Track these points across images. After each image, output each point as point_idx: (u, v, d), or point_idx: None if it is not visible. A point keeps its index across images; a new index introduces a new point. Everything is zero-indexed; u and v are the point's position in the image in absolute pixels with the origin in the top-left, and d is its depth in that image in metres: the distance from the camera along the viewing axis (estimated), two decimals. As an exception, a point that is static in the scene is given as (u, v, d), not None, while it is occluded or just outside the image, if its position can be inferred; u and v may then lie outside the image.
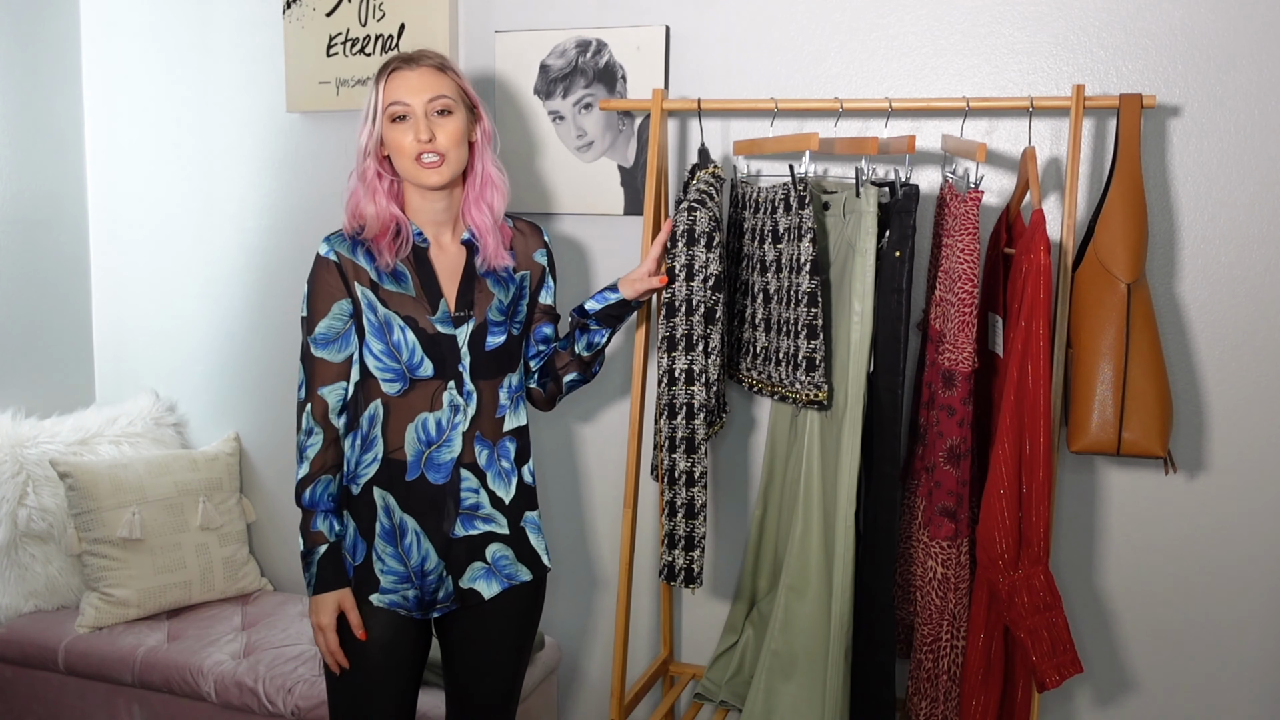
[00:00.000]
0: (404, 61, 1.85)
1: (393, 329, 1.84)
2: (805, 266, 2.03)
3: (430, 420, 1.86)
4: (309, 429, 1.85)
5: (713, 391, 2.17)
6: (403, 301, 1.85)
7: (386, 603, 1.88)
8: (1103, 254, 2.02)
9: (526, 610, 2.00)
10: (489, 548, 1.93)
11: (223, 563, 2.88)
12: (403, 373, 1.85)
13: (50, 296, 3.07)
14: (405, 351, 1.84)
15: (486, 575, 1.93)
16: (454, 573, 1.91)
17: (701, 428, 2.14)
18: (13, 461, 2.75)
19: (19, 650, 2.66)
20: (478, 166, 1.92)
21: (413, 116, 1.82)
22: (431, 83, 1.83)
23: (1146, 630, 2.36)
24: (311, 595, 1.86)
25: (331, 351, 1.85)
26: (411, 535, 1.88)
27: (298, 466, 1.86)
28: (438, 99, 1.83)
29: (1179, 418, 2.28)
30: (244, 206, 2.97)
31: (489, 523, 1.92)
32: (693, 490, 2.16)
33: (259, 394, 3.04)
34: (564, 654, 2.82)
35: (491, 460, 1.92)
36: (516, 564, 1.96)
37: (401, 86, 1.83)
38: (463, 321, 1.88)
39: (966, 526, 2.07)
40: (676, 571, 2.20)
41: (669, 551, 2.21)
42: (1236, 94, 2.19)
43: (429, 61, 1.85)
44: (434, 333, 1.86)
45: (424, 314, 1.86)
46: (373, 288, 1.85)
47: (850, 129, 2.39)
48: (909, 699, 2.21)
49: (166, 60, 3.00)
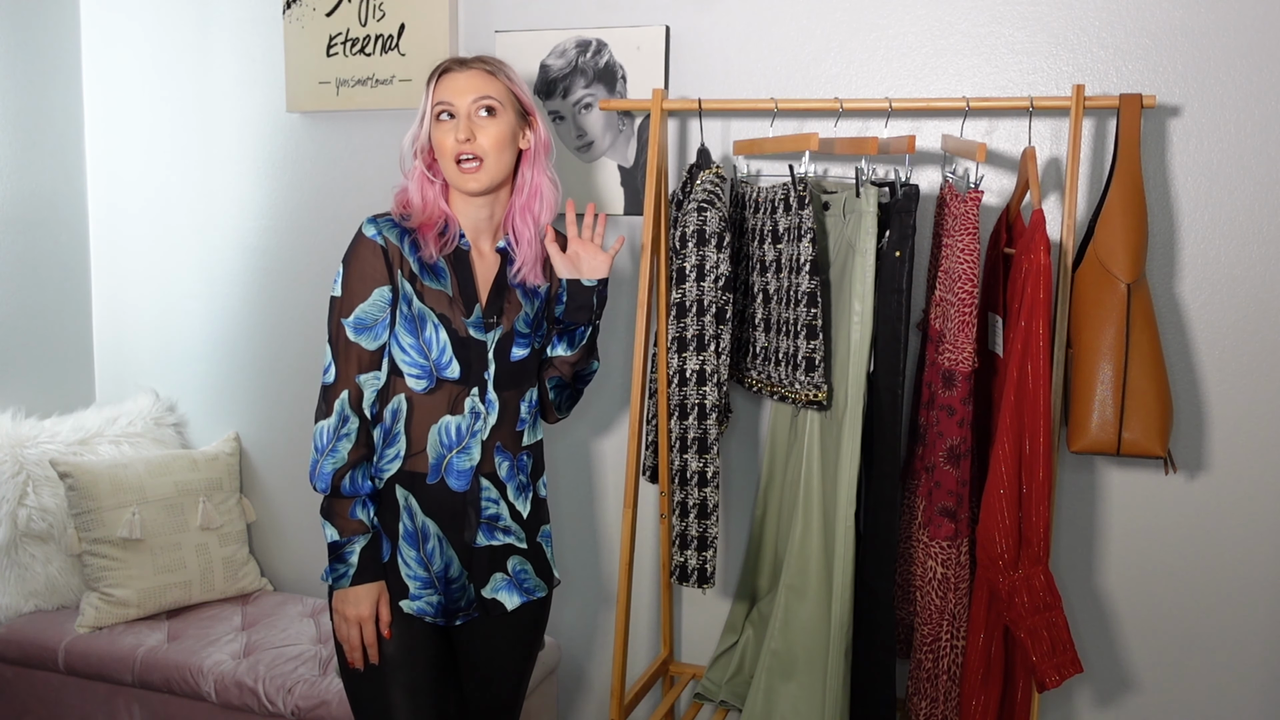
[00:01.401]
0: (457, 64, 1.84)
1: (425, 325, 1.81)
2: (805, 266, 2.03)
3: (451, 424, 1.84)
4: (344, 416, 1.78)
5: (723, 391, 2.17)
6: (439, 299, 1.83)
7: (415, 609, 1.84)
8: (1103, 254, 2.02)
9: (537, 621, 1.99)
10: (509, 560, 1.91)
11: (223, 563, 2.88)
12: (430, 371, 1.82)
13: (50, 296, 3.07)
14: (435, 350, 1.82)
15: (509, 587, 1.91)
16: (476, 581, 1.89)
17: (714, 428, 2.15)
18: (13, 461, 2.75)
19: (19, 650, 2.66)
20: (527, 176, 1.89)
21: (457, 116, 1.81)
22: (479, 84, 1.81)
23: (1146, 630, 2.36)
24: (348, 586, 1.78)
25: (368, 339, 1.79)
26: (434, 540, 1.85)
27: (325, 456, 1.77)
28: (482, 99, 1.80)
29: (1179, 418, 2.28)
30: (244, 206, 2.98)
31: (509, 535, 1.90)
32: (705, 490, 2.17)
33: (259, 394, 3.04)
34: (564, 654, 2.82)
35: (512, 473, 1.90)
36: (535, 578, 1.95)
37: (450, 87, 1.81)
38: (492, 328, 1.86)
39: (966, 526, 2.08)
40: (690, 572, 2.20)
41: (680, 552, 2.21)
42: (1236, 94, 2.19)
43: (481, 65, 1.83)
44: (465, 335, 1.83)
45: (458, 315, 1.83)
46: (412, 280, 1.81)
47: (850, 129, 2.39)
48: (909, 699, 2.21)
49: (166, 60, 3.01)
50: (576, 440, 2.74)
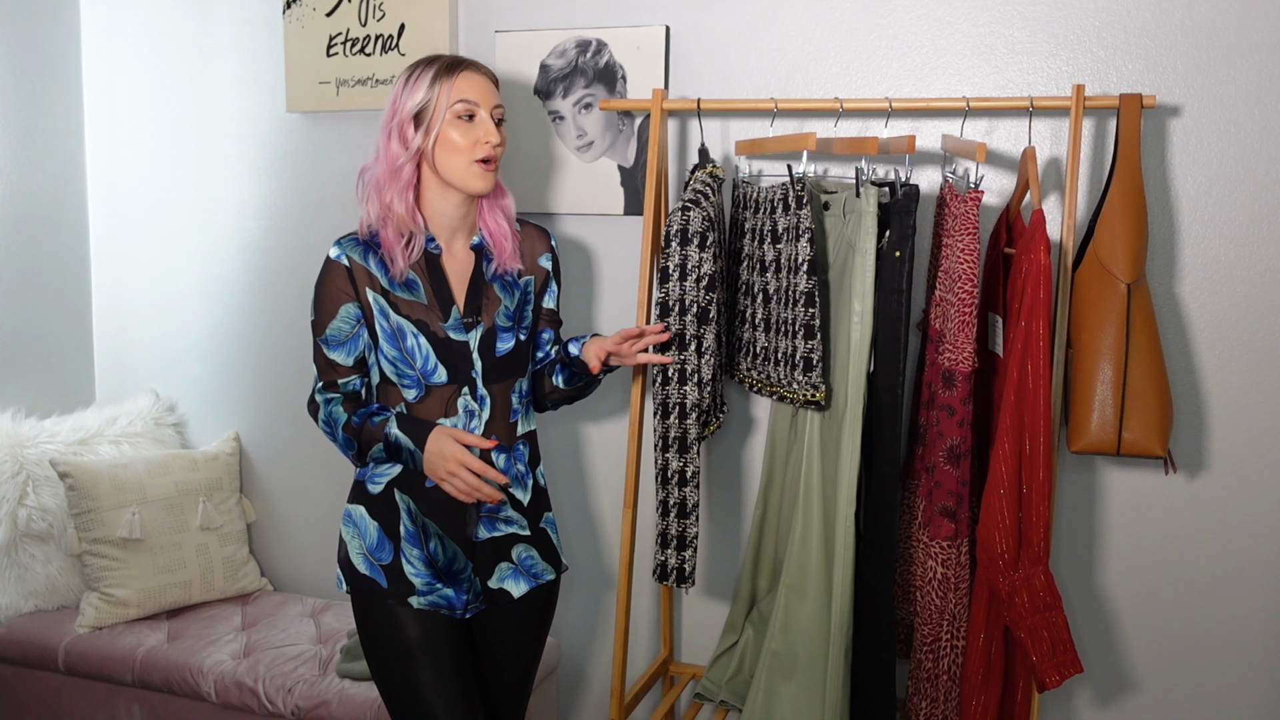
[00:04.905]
0: (471, 65, 1.85)
1: (405, 336, 1.84)
2: (803, 266, 2.03)
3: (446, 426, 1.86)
4: (326, 399, 1.86)
5: (706, 391, 2.16)
6: (414, 308, 1.85)
7: (426, 604, 1.87)
8: (1103, 254, 2.02)
9: (545, 609, 2.02)
10: (514, 548, 1.95)
11: (223, 563, 2.88)
12: (418, 379, 1.85)
13: (50, 296, 3.07)
14: (419, 358, 1.85)
15: (514, 575, 1.95)
16: (481, 574, 1.92)
17: (694, 428, 2.14)
18: (13, 461, 2.76)
19: (19, 650, 2.66)
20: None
21: (479, 118, 1.83)
22: (494, 90, 1.87)
23: (1146, 630, 2.36)
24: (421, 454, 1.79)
25: (343, 354, 1.85)
26: (435, 539, 1.88)
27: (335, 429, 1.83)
28: (499, 108, 1.86)
29: (1179, 418, 2.27)
30: (244, 206, 2.97)
31: (511, 525, 1.94)
32: (684, 490, 2.16)
33: (259, 394, 3.04)
34: (564, 654, 2.82)
35: (509, 464, 1.92)
36: (542, 563, 1.99)
37: (474, 87, 1.83)
38: (472, 327, 1.88)
39: (966, 526, 2.07)
40: (669, 571, 2.20)
41: (661, 551, 2.22)
42: (1236, 94, 2.19)
43: (488, 70, 1.87)
44: (445, 339, 1.86)
45: (436, 320, 1.86)
46: (384, 294, 1.84)
47: (850, 129, 2.39)
48: (909, 699, 2.21)
49: (167, 60, 3.01)
50: (573, 438, 2.74)
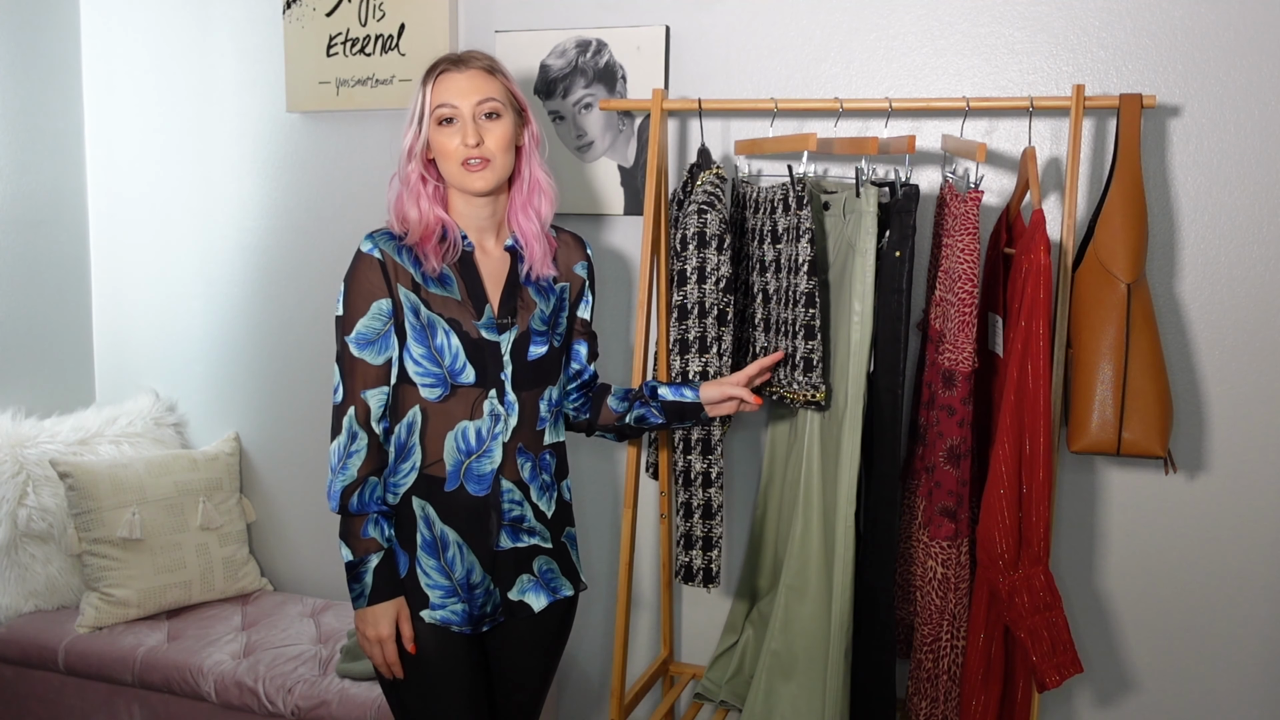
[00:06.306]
0: (452, 63, 1.80)
1: (436, 332, 1.79)
2: (803, 267, 2.03)
3: (470, 429, 1.81)
4: (352, 433, 1.77)
5: None
6: (447, 305, 1.80)
7: (438, 619, 1.81)
8: (1103, 254, 2.02)
9: (562, 626, 1.98)
10: (535, 560, 1.89)
11: (223, 563, 2.88)
12: (444, 378, 1.79)
13: (50, 296, 3.07)
14: (448, 356, 1.79)
15: (535, 588, 1.90)
16: (501, 585, 1.87)
17: (717, 429, 2.17)
18: (13, 461, 2.76)
19: (19, 650, 2.66)
20: (525, 172, 1.87)
21: (460, 120, 1.77)
22: (480, 85, 1.78)
23: (1146, 630, 2.36)
24: (365, 606, 1.77)
25: (371, 353, 1.77)
26: (454, 548, 1.82)
27: (337, 474, 1.77)
28: (486, 102, 1.78)
29: (1179, 418, 2.27)
30: (244, 206, 2.98)
31: (533, 536, 1.88)
32: (710, 491, 2.18)
33: (259, 394, 3.04)
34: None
35: (534, 474, 1.87)
36: (561, 577, 1.93)
37: (450, 89, 1.78)
38: (506, 329, 1.83)
39: (966, 526, 2.07)
40: (695, 572, 2.21)
41: (685, 552, 2.22)
42: (1236, 94, 2.19)
43: (478, 64, 1.80)
44: (478, 338, 1.81)
45: (469, 318, 1.81)
46: (416, 289, 1.79)
47: (850, 129, 2.39)
48: (909, 699, 2.21)
49: (166, 60, 3.01)
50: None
